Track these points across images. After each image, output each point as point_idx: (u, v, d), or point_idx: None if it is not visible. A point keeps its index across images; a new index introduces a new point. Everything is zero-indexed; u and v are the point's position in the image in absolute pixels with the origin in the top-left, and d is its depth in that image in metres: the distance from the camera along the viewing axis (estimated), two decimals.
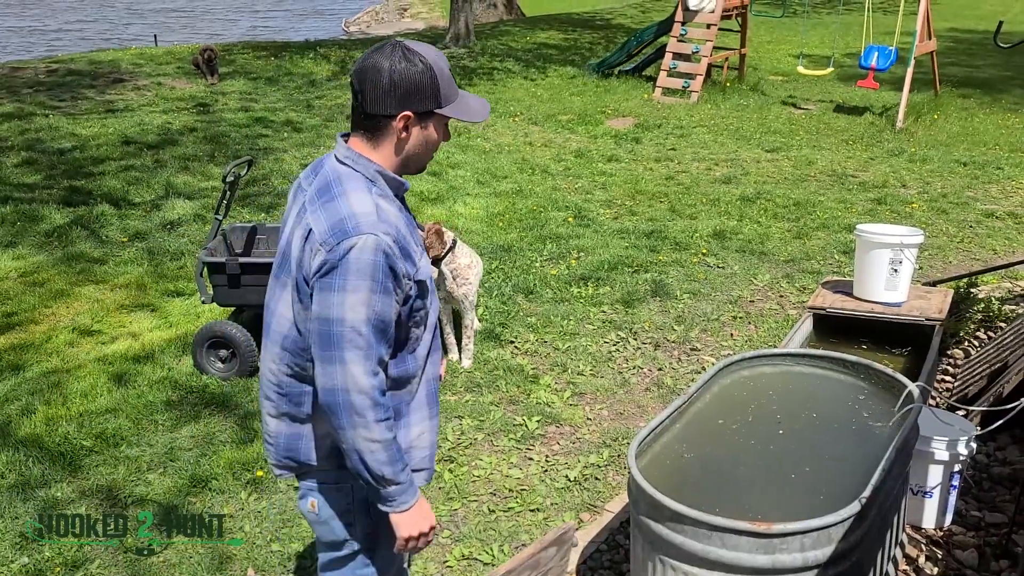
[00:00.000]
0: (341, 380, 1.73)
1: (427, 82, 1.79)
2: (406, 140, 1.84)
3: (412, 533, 1.87)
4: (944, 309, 3.91)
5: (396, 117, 1.80)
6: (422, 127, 1.84)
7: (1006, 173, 7.97)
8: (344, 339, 1.72)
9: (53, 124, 8.96)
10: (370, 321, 1.73)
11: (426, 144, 1.87)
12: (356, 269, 1.71)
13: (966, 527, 3.21)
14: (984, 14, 19.35)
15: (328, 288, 1.72)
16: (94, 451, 3.70)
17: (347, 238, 1.72)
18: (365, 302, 1.72)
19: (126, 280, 5.47)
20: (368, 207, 1.76)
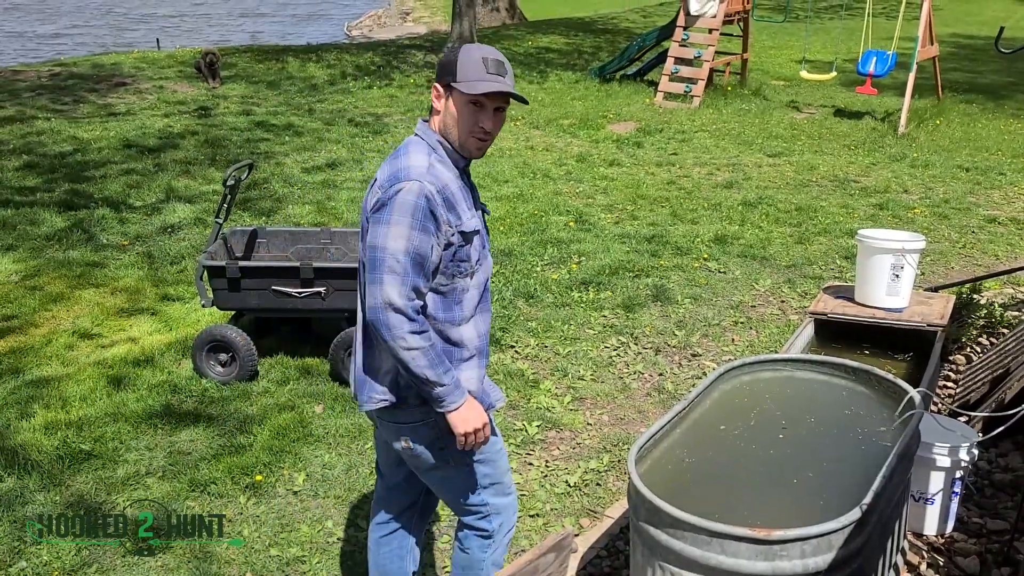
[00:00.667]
0: (380, 299, 2.04)
1: (452, 59, 2.11)
2: (438, 112, 2.18)
3: (467, 429, 2.16)
4: (946, 315, 3.90)
5: (432, 89, 2.18)
6: (447, 99, 2.15)
7: (1008, 179, 7.96)
8: (384, 264, 2.04)
9: (54, 128, 8.98)
10: (408, 252, 2.04)
11: (453, 119, 2.15)
12: (400, 206, 2.04)
13: (968, 534, 3.19)
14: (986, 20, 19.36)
15: (377, 222, 2.06)
16: (93, 455, 3.68)
17: (397, 182, 2.07)
18: (406, 235, 2.04)
19: (126, 284, 5.46)
20: (422, 162, 2.11)
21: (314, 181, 7.57)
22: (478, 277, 2.24)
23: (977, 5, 22.66)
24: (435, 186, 2.08)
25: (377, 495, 2.61)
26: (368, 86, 11.82)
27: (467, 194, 2.21)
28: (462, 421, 2.16)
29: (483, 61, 2.11)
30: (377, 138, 9.10)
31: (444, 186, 2.11)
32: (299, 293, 4.20)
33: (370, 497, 3.47)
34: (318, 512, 3.39)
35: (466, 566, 2.49)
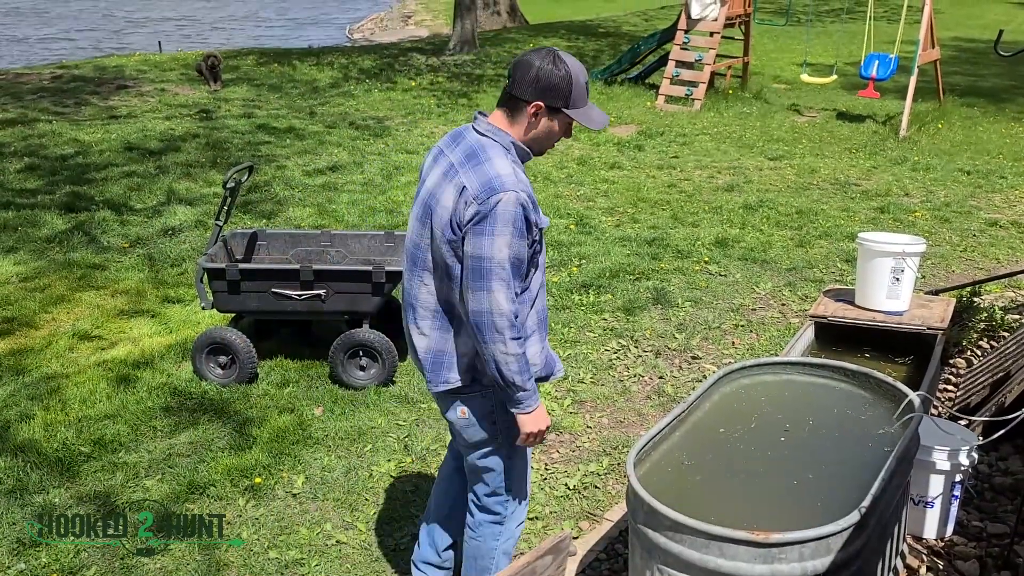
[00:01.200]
0: (487, 305, 2.20)
1: (563, 85, 2.25)
2: (534, 124, 2.30)
3: (533, 430, 2.35)
4: (946, 318, 3.89)
5: (530, 104, 2.26)
6: (549, 118, 2.30)
7: (1010, 182, 7.95)
8: (492, 273, 2.19)
9: (56, 130, 9.00)
10: (511, 259, 2.20)
11: (548, 133, 2.33)
12: (501, 217, 2.17)
13: (967, 537, 3.18)
14: (988, 23, 19.36)
15: (480, 233, 2.18)
16: (92, 457, 3.69)
17: (495, 193, 2.18)
18: (508, 244, 2.19)
19: (126, 286, 5.47)
20: (508, 169, 2.23)
21: (315, 184, 7.58)
22: (541, 259, 2.41)
23: (978, 9, 22.67)
24: (525, 192, 2.23)
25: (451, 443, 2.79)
26: (369, 89, 11.83)
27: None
28: (531, 422, 2.34)
29: (586, 87, 2.31)
30: (378, 141, 9.11)
31: (529, 188, 2.26)
32: (299, 295, 4.20)
33: (369, 499, 3.47)
34: (317, 515, 3.38)
35: (477, 555, 2.60)
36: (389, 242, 4.71)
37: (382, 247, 4.70)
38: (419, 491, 3.53)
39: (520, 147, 2.31)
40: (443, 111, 10.70)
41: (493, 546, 2.58)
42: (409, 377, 4.42)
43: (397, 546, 3.22)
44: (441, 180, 2.29)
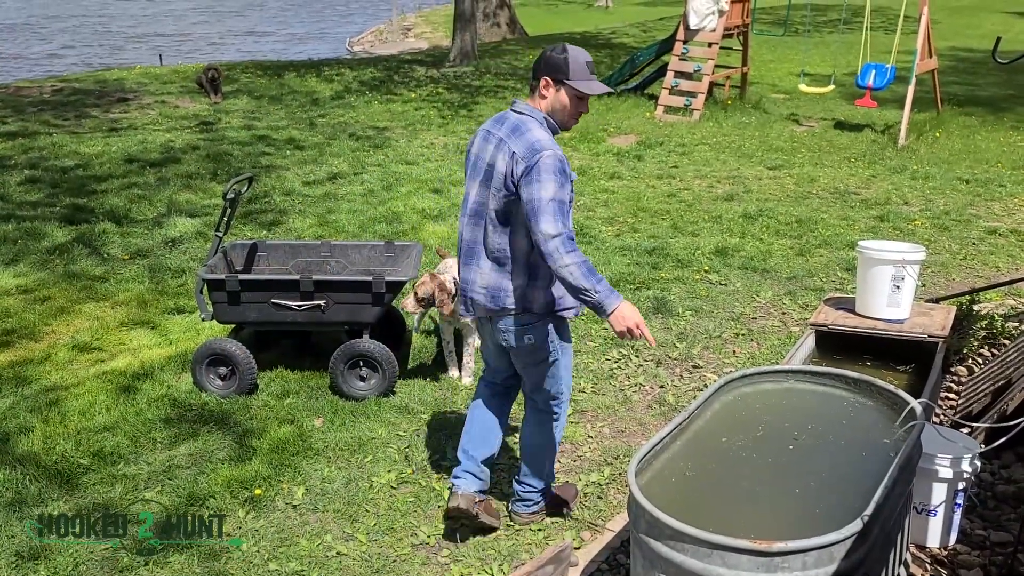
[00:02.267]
0: (544, 234, 2.73)
1: (563, 62, 2.87)
2: (547, 98, 2.92)
3: (623, 327, 2.74)
4: (947, 326, 3.89)
5: (540, 79, 2.91)
6: (556, 90, 2.90)
7: (1008, 190, 7.96)
8: (543, 210, 2.74)
9: (57, 143, 9.02)
10: (555, 198, 2.76)
11: (561, 105, 2.92)
12: (546, 169, 2.77)
13: (971, 546, 3.17)
14: (985, 33, 19.43)
15: (530, 183, 2.78)
16: (91, 469, 3.67)
17: (538, 152, 2.79)
18: (553, 188, 2.76)
19: (127, 297, 5.47)
20: (546, 136, 2.87)
21: (315, 194, 7.59)
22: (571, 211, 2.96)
23: (976, 19, 22.76)
24: (560, 152, 2.83)
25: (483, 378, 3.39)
26: (370, 101, 11.87)
27: None
28: (620, 320, 2.73)
29: (587, 65, 2.90)
30: (378, 152, 9.13)
31: (560, 150, 2.85)
32: (299, 306, 4.19)
33: (369, 510, 3.46)
34: (317, 526, 3.37)
35: (542, 447, 3.25)
36: (389, 252, 4.71)
37: (382, 257, 4.70)
38: (420, 501, 3.51)
39: (550, 120, 2.94)
40: (443, 122, 10.73)
41: (552, 436, 3.24)
42: (409, 387, 4.41)
43: (398, 557, 3.20)
44: (495, 152, 2.91)
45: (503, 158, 2.86)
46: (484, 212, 2.96)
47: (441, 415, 4.17)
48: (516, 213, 2.87)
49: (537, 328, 2.99)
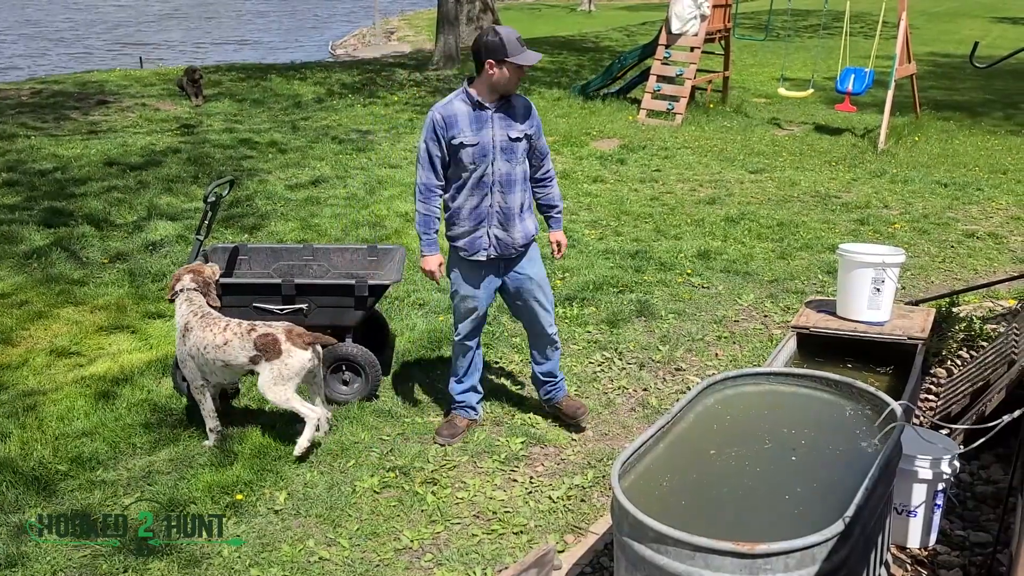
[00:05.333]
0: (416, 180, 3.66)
1: (499, 44, 3.43)
2: (493, 75, 3.49)
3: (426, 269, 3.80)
4: (926, 328, 3.92)
5: (485, 63, 3.47)
6: (499, 68, 3.48)
7: (986, 194, 8.05)
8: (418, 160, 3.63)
9: (35, 145, 8.92)
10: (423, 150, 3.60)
11: (504, 79, 3.51)
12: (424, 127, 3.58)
13: (951, 547, 3.20)
14: (963, 38, 19.68)
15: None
16: (69, 475, 3.63)
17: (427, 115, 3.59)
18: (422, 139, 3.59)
19: (106, 301, 5.41)
20: (441, 102, 3.58)
21: (298, 198, 7.56)
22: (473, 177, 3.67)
23: (953, 24, 23.05)
24: (439, 113, 3.53)
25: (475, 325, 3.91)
26: (352, 104, 11.83)
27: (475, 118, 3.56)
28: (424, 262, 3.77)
29: (518, 40, 3.46)
30: (361, 155, 9.10)
31: (448, 112, 3.52)
32: (281, 310, 4.17)
33: (352, 515, 3.44)
34: (300, 531, 3.35)
35: (553, 369, 4.00)
36: (372, 256, 4.69)
37: (365, 261, 4.68)
38: (403, 506, 3.50)
39: (472, 95, 3.54)
40: None
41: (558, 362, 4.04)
42: (392, 391, 4.39)
43: (381, 561, 3.19)
44: None
45: None
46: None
47: (424, 419, 4.16)
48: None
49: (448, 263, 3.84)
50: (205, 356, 3.73)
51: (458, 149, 3.52)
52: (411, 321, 5.18)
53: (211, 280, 3.98)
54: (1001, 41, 18.74)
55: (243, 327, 3.71)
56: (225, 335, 3.70)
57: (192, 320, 3.79)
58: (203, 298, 3.90)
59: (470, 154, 3.53)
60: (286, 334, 3.68)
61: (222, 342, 3.70)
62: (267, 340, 3.64)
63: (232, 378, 3.89)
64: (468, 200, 3.62)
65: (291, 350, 3.65)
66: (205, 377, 3.81)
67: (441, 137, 3.51)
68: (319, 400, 3.90)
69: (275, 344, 3.64)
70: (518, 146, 3.64)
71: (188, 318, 3.81)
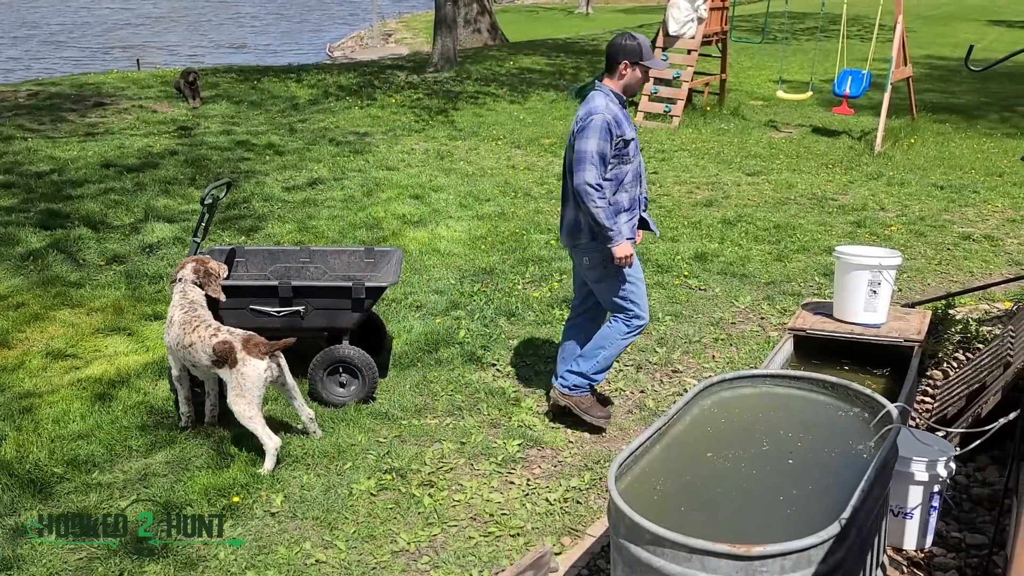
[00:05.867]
0: (579, 179, 3.70)
1: (637, 47, 3.78)
2: (625, 76, 3.82)
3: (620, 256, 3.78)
4: (923, 330, 3.93)
5: (621, 63, 3.80)
6: (632, 70, 3.81)
7: (982, 196, 8.07)
8: (584, 160, 3.70)
9: (32, 147, 8.91)
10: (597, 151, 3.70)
11: (635, 80, 3.85)
12: (593, 127, 3.70)
13: (947, 548, 3.20)
14: (959, 41, 19.72)
15: (579, 138, 3.72)
16: (65, 478, 3.62)
17: (591, 115, 3.72)
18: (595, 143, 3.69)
19: (103, 304, 5.40)
20: (604, 103, 3.76)
21: (295, 200, 7.55)
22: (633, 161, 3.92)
23: (949, 27, 23.10)
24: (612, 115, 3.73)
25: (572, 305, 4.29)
26: (350, 106, 11.83)
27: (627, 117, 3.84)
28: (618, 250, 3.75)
29: (650, 47, 3.84)
30: (359, 157, 9.10)
31: (615, 115, 3.75)
32: (278, 312, 4.17)
33: (348, 518, 3.44)
34: (296, 534, 3.34)
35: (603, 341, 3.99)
36: (369, 258, 4.69)
37: (362, 263, 4.68)
38: (399, 508, 3.50)
39: (617, 93, 3.82)
40: (423, 127, 10.72)
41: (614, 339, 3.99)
42: (389, 393, 4.39)
43: (378, 564, 3.19)
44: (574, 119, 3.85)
45: (573, 122, 3.84)
46: (567, 166, 3.87)
47: (421, 421, 4.16)
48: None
49: (591, 253, 3.86)
50: (177, 352, 3.83)
51: (626, 144, 3.78)
52: (408, 323, 5.17)
53: (213, 272, 4.02)
54: (997, 44, 18.79)
55: (209, 331, 3.73)
56: (192, 337, 3.75)
57: (176, 314, 3.87)
58: (199, 291, 3.93)
59: (633, 148, 3.83)
60: (243, 343, 3.66)
61: (188, 343, 3.76)
62: (224, 348, 3.65)
63: (208, 376, 3.90)
64: (628, 192, 3.86)
65: (247, 359, 3.63)
66: (185, 368, 3.88)
67: (613, 136, 3.71)
68: (298, 403, 3.89)
69: (231, 352, 3.64)
70: None
71: (174, 311, 3.89)
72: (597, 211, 3.67)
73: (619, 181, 3.80)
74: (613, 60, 3.79)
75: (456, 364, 4.70)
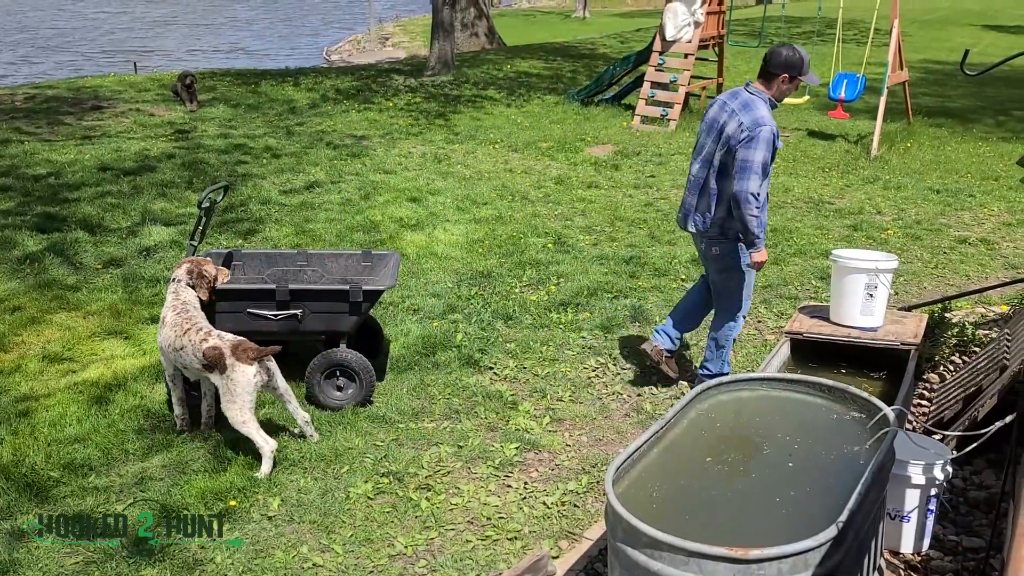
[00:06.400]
0: (743, 188, 3.89)
1: (798, 61, 3.98)
2: (779, 86, 4.03)
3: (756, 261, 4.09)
4: (919, 334, 3.94)
5: (780, 74, 4.00)
6: (789, 80, 4.02)
7: (978, 200, 8.10)
8: (750, 169, 3.89)
9: (29, 150, 8.90)
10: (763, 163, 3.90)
11: (787, 89, 4.04)
12: (762, 139, 3.88)
13: (944, 552, 3.21)
14: (955, 46, 19.78)
15: (747, 147, 3.89)
16: (62, 482, 3.62)
17: (759, 126, 3.89)
18: (762, 155, 3.89)
19: (100, 307, 5.39)
20: (768, 114, 3.94)
21: (292, 203, 7.55)
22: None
23: (945, 32, 23.18)
24: (775, 127, 3.92)
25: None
26: (347, 109, 11.84)
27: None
28: (757, 256, 4.04)
29: (808, 62, 4.02)
30: (356, 161, 9.10)
31: (775, 125, 3.94)
32: (275, 315, 4.16)
33: (346, 521, 3.44)
34: (293, 537, 3.34)
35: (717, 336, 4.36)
36: (367, 261, 4.69)
37: (359, 266, 4.68)
38: (396, 512, 3.49)
39: (773, 101, 4.03)
40: (421, 131, 10.73)
41: (725, 332, 4.34)
42: (387, 397, 4.39)
43: (375, 568, 3.18)
44: (727, 118, 4.00)
45: (733, 124, 3.94)
46: (711, 160, 4.06)
47: (418, 424, 4.16)
48: (731, 165, 3.93)
49: (724, 244, 4.13)
50: (168, 354, 3.84)
51: (775, 154, 4.02)
52: (405, 327, 5.17)
53: (206, 274, 4.02)
54: (992, 48, 18.85)
55: (199, 335, 3.73)
56: (182, 340, 3.75)
57: (169, 315, 3.88)
58: (191, 292, 3.94)
59: (776, 154, 4.07)
60: (232, 348, 3.66)
61: (179, 347, 3.77)
62: (214, 353, 3.65)
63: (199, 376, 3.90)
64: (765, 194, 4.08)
65: (235, 365, 3.63)
66: (177, 369, 3.89)
67: (776, 148, 3.96)
68: (292, 407, 3.89)
69: (220, 358, 3.64)
70: None
71: (167, 312, 3.90)
72: (752, 219, 3.88)
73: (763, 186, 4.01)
74: (774, 69, 3.96)
75: (453, 367, 4.70)
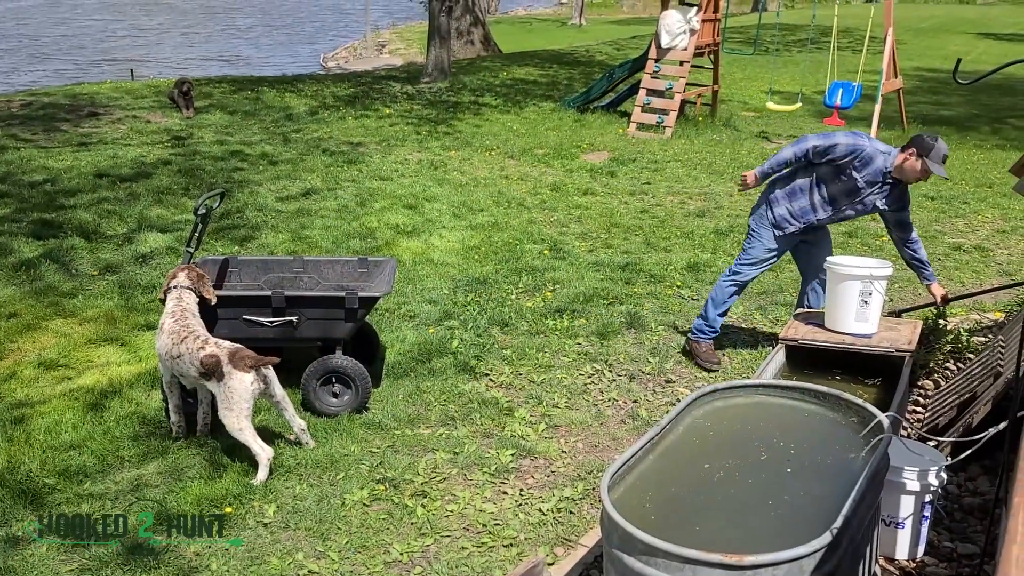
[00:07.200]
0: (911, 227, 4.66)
1: (930, 146, 4.24)
2: (907, 160, 4.30)
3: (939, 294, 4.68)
4: (914, 340, 3.95)
5: (911, 148, 4.29)
6: (916, 159, 4.27)
7: (972, 207, 8.13)
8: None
9: (25, 157, 8.89)
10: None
11: (910, 167, 4.32)
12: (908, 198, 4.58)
13: (939, 558, 3.21)
14: (949, 54, 19.89)
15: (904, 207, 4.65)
16: (57, 489, 3.61)
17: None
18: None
19: (95, 313, 5.39)
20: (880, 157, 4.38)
21: (289, 210, 7.56)
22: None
23: (940, 40, 23.29)
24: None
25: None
26: (344, 116, 11.86)
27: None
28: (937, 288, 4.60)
29: (943, 156, 4.22)
30: (352, 167, 9.11)
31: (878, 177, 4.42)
32: (271, 322, 4.17)
33: (341, 528, 3.43)
34: (289, 544, 3.34)
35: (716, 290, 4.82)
36: (363, 268, 4.70)
37: (355, 273, 4.69)
38: (392, 518, 3.49)
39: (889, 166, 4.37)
40: (418, 138, 10.74)
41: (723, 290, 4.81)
42: (383, 403, 4.39)
43: (371, 574, 3.18)
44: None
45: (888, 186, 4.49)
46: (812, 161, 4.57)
47: (414, 431, 4.16)
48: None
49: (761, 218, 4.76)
50: (166, 361, 3.84)
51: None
52: (401, 333, 5.18)
53: (204, 275, 4.05)
54: (986, 57, 18.95)
55: (197, 343, 3.72)
56: (180, 348, 3.75)
57: (167, 322, 3.87)
58: (194, 297, 3.94)
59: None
60: (229, 356, 3.65)
61: (176, 354, 3.76)
62: (211, 362, 3.64)
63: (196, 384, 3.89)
64: None
65: (233, 373, 3.63)
66: (174, 376, 3.88)
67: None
68: (289, 414, 3.89)
69: (217, 366, 3.63)
70: None
71: (165, 319, 3.89)
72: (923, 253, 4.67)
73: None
74: (912, 142, 4.30)
75: (449, 374, 4.70)
